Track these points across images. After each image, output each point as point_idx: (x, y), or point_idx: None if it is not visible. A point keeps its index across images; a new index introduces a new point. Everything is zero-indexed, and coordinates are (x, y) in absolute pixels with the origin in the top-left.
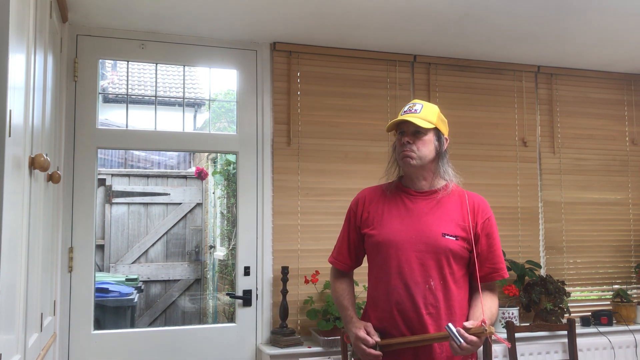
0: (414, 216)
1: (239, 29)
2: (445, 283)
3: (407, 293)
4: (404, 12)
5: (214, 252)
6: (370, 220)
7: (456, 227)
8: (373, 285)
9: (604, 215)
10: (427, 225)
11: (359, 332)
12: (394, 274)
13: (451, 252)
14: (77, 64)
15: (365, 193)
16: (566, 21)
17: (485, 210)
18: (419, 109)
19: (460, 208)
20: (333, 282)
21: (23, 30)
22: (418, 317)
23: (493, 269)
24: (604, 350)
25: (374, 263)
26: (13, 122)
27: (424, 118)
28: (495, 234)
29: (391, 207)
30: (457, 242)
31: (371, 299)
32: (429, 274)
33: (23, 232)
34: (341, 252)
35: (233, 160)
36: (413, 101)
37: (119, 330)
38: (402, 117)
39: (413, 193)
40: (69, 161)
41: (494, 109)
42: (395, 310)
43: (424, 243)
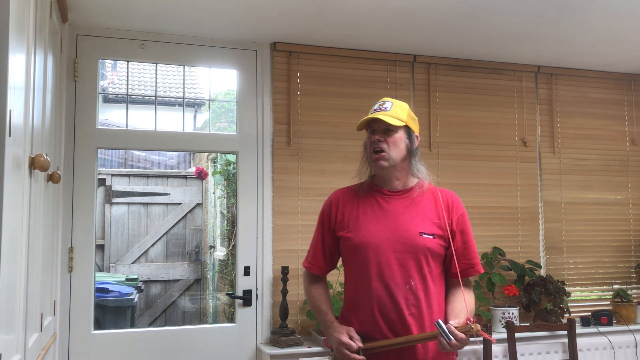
0: (390, 216)
1: (239, 29)
2: (425, 282)
3: (389, 295)
4: (404, 12)
5: (214, 252)
6: (346, 223)
7: (432, 225)
8: (352, 289)
9: (604, 215)
10: (404, 225)
11: (341, 337)
12: (374, 276)
13: (429, 250)
14: (77, 64)
15: (338, 194)
16: (566, 21)
17: (458, 207)
18: (389, 107)
19: (435, 206)
20: (308, 287)
21: (23, 30)
22: (400, 319)
23: (469, 264)
24: (604, 350)
25: (351, 266)
26: (13, 122)
27: (394, 116)
28: (469, 229)
29: (366, 208)
30: (434, 240)
31: (351, 303)
32: (409, 274)
33: (23, 232)
34: (316, 257)
35: (233, 160)
36: (383, 99)
37: (119, 330)
38: (373, 115)
39: (387, 193)
40: (69, 161)
41: (494, 109)
42: (377, 312)
43: (402, 243)
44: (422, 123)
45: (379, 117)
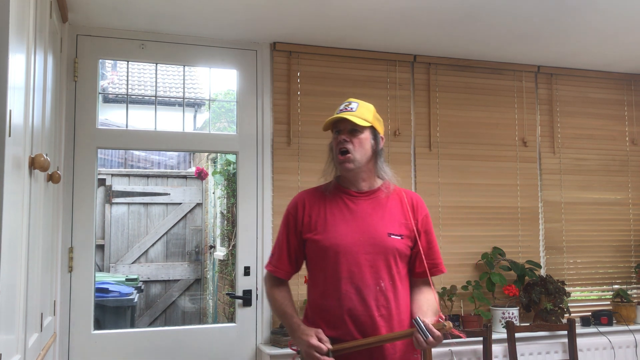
0: (359, 218)
1: (239, 29)
2: (394, 283)
3: (359, 297)
4: (404, 12)
5: (214, 252)
6: (313, 225)
7: (400, 226)
8: (320, 292)
9: (604, 215)
10: (372, 226)
11: (310, 339)
12: (345, 278)
13: (398, 251)
14: (77, 64)
15: (304, 196)
16: (566, 21)
17: (423, 207)
18: (355, 108)
19: (401, 206)
20: (271, 290)
21: (23, 30)
22: (371, 320)
23: (433, 264)
24: (604, 350)
25: (319, 269)
26: (13, 122)
27: (360, 116)
28: (432, 230)
29: (334, 210)
30: (402, 241)
31: (317, 306)
32: (379, 275)
33: (23, 232)
34: (281, 260)
35: (233, 160)
36: (348, 100)
37: (119, 330)
38: (339, 115)
39: (354, 194)
40: (69, 161)
41: (494, 109)
42: (347, 314)
43: (372, 244)
44: (422, 123)
45: (345, 117)
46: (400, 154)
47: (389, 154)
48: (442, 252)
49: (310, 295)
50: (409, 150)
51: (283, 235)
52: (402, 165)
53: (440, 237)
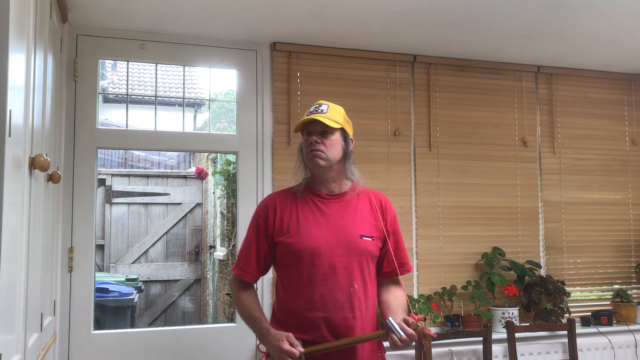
0: (331, 220)
1: (239, 29)
2: (365, 284)
3: (334, 300)
4: (404, 12)
5: (214, 252)
6: (285, 228)
7: (370, 227)
8: (292, 295)
9: (604, 215)
10: (345, 229)
11: (283, 344)
12: (319, 281)
13: (369, 253)
14: (77, 64)
15: (275, 198)
16: (566, 21)
17: (390, 208)
18: (325, 109)
19: (370, 207)
20: (237, 294)
21: (23, 30)
22: (344, 322)
23: (400, 263)
24: (604, 350)
25: (291, 272)
26: (13, 122)
27: (330, 118)
28: (399, 230)
29: (305, 212)
30: (373, 242)
31: (288, 310)
32: (353, 277)
33: (23, 232)
34: (249, 264)
35: (233, 160)
36: (318, 102)
37: (119, 330)
38: (310, 117)
39: (325, 196)
40: (69, 161)
41: (494, 109)
42: (321, 318)
43: (345, 247)
44: (422, 123)
45: (317, 119)
46: (400, 154)
47: (389, 154)
48: (443, 252)
49: (280, 298)
50: (409, 150)
51: (252, 239)
52: (402, 165)
53: (440, 237)
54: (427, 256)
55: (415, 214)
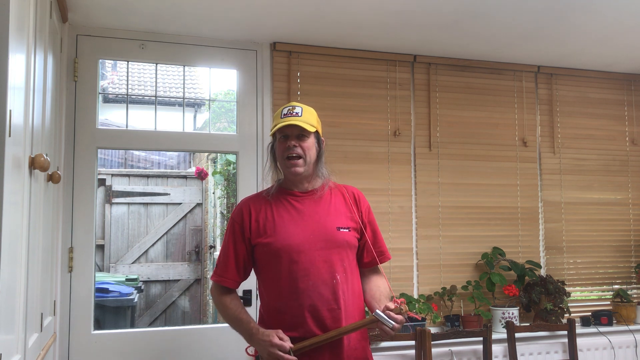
0: (306, 216)
1: (239, 29)
2: (347, 274)
3: (317, 293)
4: (404, 12)
5: (214, 252)
6: (262, 229)
7: (346, 219)
8: (276, 294)
9: (604, 215)
10: (321, 223)
11: (273, 339)
12: (301, 277)
13: (347, 243)
14: (77, 64)
15: (248, 202)
16: (566, 21)
17: (364, 200)
18: (300, 112)
19: (344, 201)
20: (220, 299)
21: (23, 30)
22: (331, 314)
23: (379, 252)
24: (604, 350)
25: (274, 271)
26: (13, 122)
27: (306, 121)
28: (374, 220)
29: (280, 212)
30: (350, 233)
31: (272, 309)
32: (334, 269)
33: (23, 232)
34: (228, 269)
35: (233, 160)
36: (292, 104)
37: (119, 330)
38: (289, 121)
39: (298, 194)
40: (69, 161)
41: (494, 109)
42: (307, 312)
43: (323, 240)
44: (422, 123)
45: (296, 123)
46: (400, 154)
47: (389, 154)
48: (443, 252)
49: (264, 299)
50: (409, 150)
51: (229, 244)
52: (402, 165)
53: (440, 237)
54: (427, 256)
55: (415, 214)
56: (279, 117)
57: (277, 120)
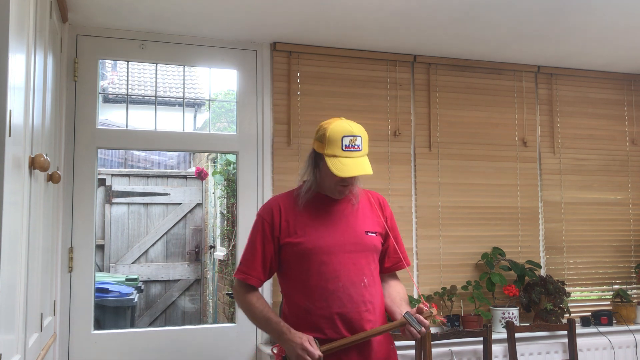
0: (336, 219)
1: (239, 29)
2: (373, 278)
3: (347, 295)
4: (404, 12)
5: (214, 252)
6: (292, 229)
7: (373, 223)
8: (304, 295)
9: (604, 215)
10: (350, 226)
11: (305, 344)
12: (331, 279)
13: (374, 247)
14: (77, 64)
15: (278, 201)
16: (566, 21)
17: (387, 205)
18: (361, 144)
19: (370, 205)
20: (245, 297)
21: (23, 30)
22: (359, 316)
23: (400, 258)
24: (604, 350)
25: (302, 271)
26: (13, 122)
27: (365, 153)
28: (396, 226)
29: (311, 213)
30: (377, 237)
31: (301, 310)
32: (362, 272)
33: (23, 232)
34: (254, 267)
35: (233, 160)
36: (352, 132)
37: (119, 330)
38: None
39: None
40: (69, 161)
41: (494, 109)
42: (336, 314)
43: (353, 243)
44: (422, 123)
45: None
46: (400, 154)
47: (389, 154)
48: (443, 252)
49: (290, 299)
50: (409, 150)
51: (257, 242)
52: (402, 165)
53: (440, 237)
54: (427, 256)
55: (415, 214)
56: (337, 143)
57: (336, 148)
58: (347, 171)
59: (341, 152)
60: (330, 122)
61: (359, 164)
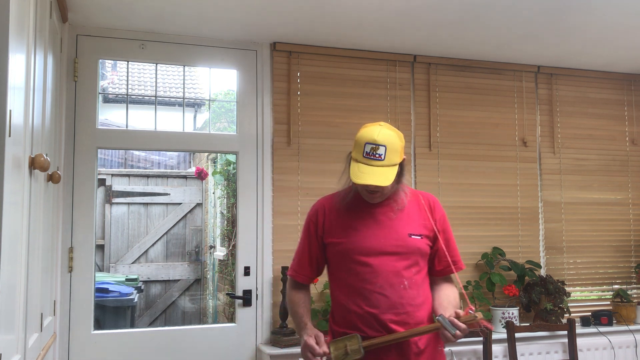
0: (379, 221)
1: (239, 29)
2: (416, 281)
3: (384, 296)
4: (404, 12)
5: (214, 252)
6: (335, 229)
7: (419, 226)
8: (345, 294)
9: (604, 215)
10: (393, 228)
11: (308, 339)
12: (369, 279)
13: (419, 250)
14: (77, 64)
15: (323, 202)
16: (566, 21)
17: (439, 208)
18: (384, 154)
19: (418, 208)
20: (290, 292)
21: (23, 30)
22: (397, 317)
23: (452, 261)
24: (604, 350)
25: (343, 271)
26: (13, 122)
27: (389, 163)
28: (450, 229)
29: (354, 214)
30: (422, 240)
31: (342, 306)
32: (402, 274)
33: (23, 232)
34: (302, 265)
35: (233, 160)
36: (375, 139)
37: (119, 330)
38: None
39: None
40: (69, 161)
41: (494, 109)
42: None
43: (394, 245)
44: (422, 123)
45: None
46: None
47: None
48: None
49: (334, 296)
50: (409, 150)
51: (304, 241)
52: None
53: None
54: None
55: None
56: (360, 149)
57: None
58: (362, 179)
59: (362, 158)
60: (367, 125)
61: (375, 173)
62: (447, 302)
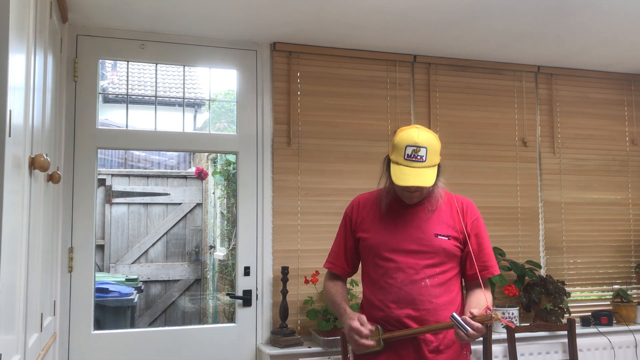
0: (407, 220)
1: (239, 29)
2: (439, 280)
3: (404, 292)
4: (404, 12)
5: (214, 252)
6: (365, 224)
7: (447, 227)
8: (370, 287)
9: (604, 215)
10: (420, 228)
11: (352, 322)
12: (390, 275)
13: (444, 250)
14: (77, 64)
15: (360, 198)
16: (566, 21)
17: (473, 212)
18: (425, 156)
19: (450, 210)
20: (327, 283)
21: (23, 30)
22: (416, 313)
23: (483, 266)
24: (604, 350)
25: (369, 265)
26: (13, 122)
27: (430, 164)
28: (484, 233)
29: (385, 213)
30: (449, 241)
31: (368, 302)
32: (424, 272)
33: (23, 232)
34: (338, 258)
35: (233, 160)
36: (415, 142)
37: (119, 330)
38: (410, 180)
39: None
40: (69, 161)
41: (494, 109)
42: (394, 309)
43: (419, 244)
44: (422, 123)
45: (419, 185)
46: None
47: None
48: None
49: (364, 290)
50: None
51: (341, 235)
52: None
53: None
54: None
55: None
56: (401, 151)
57: (399, 156)
58: (405, 180)
59: (403, 160)
60: (403, 129)
61: (418, 175)
62: (474, 304)
